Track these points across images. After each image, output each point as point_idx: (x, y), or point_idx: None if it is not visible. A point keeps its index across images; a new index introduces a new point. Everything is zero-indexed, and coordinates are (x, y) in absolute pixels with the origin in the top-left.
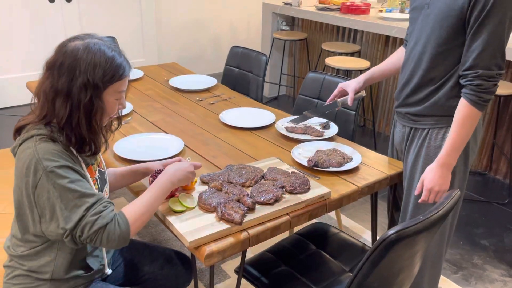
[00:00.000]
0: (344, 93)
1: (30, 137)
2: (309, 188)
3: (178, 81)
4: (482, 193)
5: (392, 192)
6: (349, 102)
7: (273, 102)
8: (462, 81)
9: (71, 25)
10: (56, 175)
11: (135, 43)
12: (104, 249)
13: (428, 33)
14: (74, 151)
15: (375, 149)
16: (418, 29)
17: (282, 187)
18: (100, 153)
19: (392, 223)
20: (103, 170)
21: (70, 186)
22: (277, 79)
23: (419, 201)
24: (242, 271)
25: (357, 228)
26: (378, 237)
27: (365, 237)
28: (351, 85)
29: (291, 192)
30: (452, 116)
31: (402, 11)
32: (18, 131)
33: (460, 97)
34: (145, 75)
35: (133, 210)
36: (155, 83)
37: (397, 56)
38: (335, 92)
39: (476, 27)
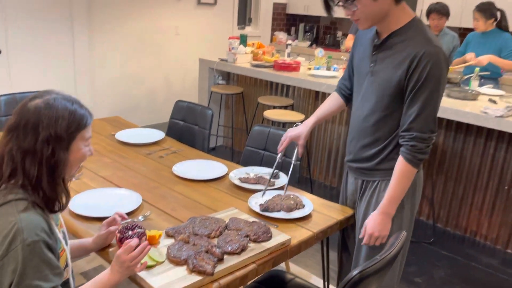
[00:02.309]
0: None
1: (8, 201)
2: (271, 236)
3: (125, 135)
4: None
5: (341, 235)
6: (300, 155)
7: (211, 153)
8: (400, 141)
9: (0, 77)
10: (31, 251)
11: None
12: None
13: (372, 98)
14: (48, 213)
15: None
16: (363, 92)
17: (247, 236)
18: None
19: (341, 264)
20: (65, 230)
21: (36, 265)
22: (215, 130)
23: (362, 243)
24: None
25: (303, 274)
26: (327, 281)
27: (312, 282)
28: (301, 138)
29: (255, 241)
30: None
31: (328, 68)
32: None
33: None
34: None
35: None
36: (100, 137)
37: (333, 100)
38: (285, 143)
39: (411, 96)
